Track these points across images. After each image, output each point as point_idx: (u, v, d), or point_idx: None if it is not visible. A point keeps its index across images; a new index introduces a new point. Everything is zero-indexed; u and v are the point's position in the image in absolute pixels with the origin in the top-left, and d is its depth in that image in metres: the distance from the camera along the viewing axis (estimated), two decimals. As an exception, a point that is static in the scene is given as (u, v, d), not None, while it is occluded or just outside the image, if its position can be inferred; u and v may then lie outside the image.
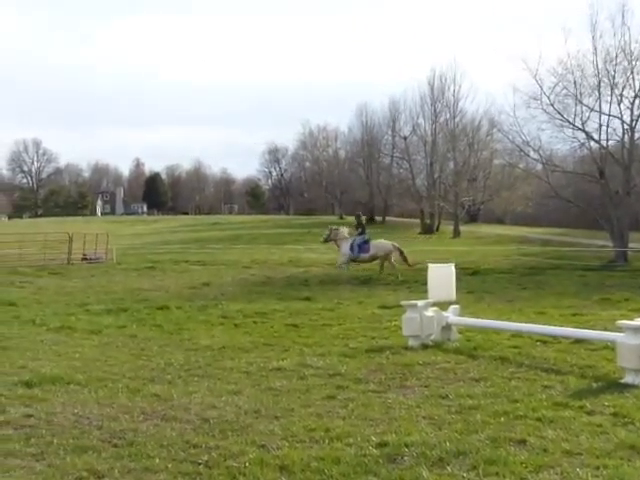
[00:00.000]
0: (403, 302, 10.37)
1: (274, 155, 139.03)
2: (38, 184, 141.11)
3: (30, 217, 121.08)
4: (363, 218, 26.72)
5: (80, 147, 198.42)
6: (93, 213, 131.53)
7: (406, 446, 5.31)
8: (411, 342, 9.63)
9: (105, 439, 5.56)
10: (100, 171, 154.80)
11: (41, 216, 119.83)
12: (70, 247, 32.37)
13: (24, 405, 6.50)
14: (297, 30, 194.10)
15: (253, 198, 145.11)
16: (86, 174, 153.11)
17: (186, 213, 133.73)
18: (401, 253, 24.62)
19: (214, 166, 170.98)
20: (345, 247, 24.11)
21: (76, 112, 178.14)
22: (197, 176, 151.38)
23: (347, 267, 24.04)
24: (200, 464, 5.02)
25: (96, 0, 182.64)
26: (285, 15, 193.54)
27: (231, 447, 5.37)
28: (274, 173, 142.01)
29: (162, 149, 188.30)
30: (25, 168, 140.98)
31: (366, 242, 24.43)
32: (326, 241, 25.37)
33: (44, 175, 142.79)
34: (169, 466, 4.96)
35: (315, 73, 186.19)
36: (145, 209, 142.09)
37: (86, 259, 32.99)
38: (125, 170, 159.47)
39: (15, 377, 7.64)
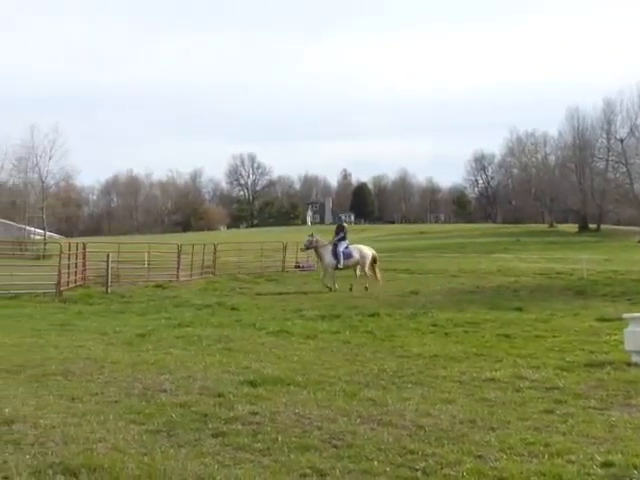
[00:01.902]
0: (625, 315, 9.77)
1: (480, 163, 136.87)
2: (253, 196, 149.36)
3: (246, 227, 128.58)
4: (344, 221, 24.92)
5: (291, 160, 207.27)
6: (304, 223, 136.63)
7: (635, 468, 5.00)
8: (635, 358, 9.02)
9: (325, 439, 5.78)
10: (310, 182, 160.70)
11: (256, 226, 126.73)
12: (284, 255, 33.93)
13: (250, 403, 6.92)
14: (500, 34, 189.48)
15: (459, 207, 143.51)
16: (297, 186, 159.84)
17: (392, 222, 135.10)
18: (374, 262, 23.19)
19: (419, 175, 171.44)
20: (329, 256, 22.79)
21: (287, 126, 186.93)
22: (403, 185, 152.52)
23: (334, 285, 22.08)
24: (417, 470, 5.07)
25: (295, 23, 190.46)
26: (488, 20, 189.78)
27: (447, 455, 5.36)
28: (480, 181, 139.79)
29: (369, 160, 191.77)
30: (242, 181, 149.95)
31: (346, 247, 23.12)
32: (307, 248, 24.01)
33: (259, 187, 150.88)
34: (387, 470, 5.06)
35: (521, 76, 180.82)
36: (352, 218, 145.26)
37: (299, 267, 34.39)
38: (333, 181, 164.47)
39: (240, 377, 8.16)
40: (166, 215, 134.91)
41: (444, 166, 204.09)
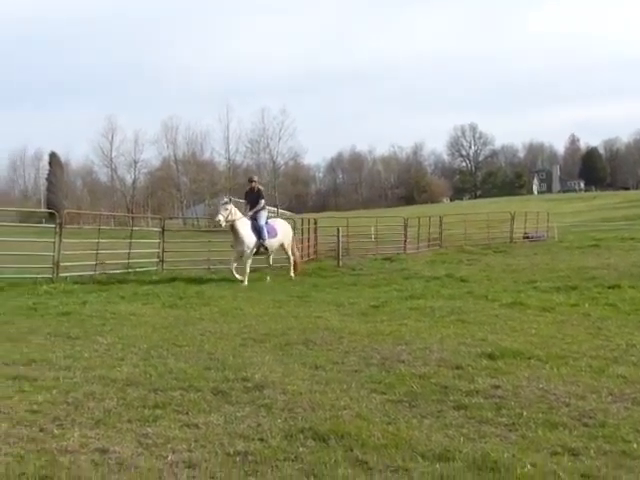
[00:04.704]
0: None
1: None
2: (476, 166, 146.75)
3: (470, 199, 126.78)
4: (257, 180, 18.23)
5: (514, 128, 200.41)
6: (529, 192, 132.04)
7: None
8: None
9: (574, 417, 5.47)
10: (534, 150, 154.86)
11: (480, 197, 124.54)
12: (512, 226, 33.00)
13: (490, 376, 6.74)
14: None
15: None
16: (521, 154, 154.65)
17: (626, 188, 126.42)
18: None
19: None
20: (249, 233, 16.77)
21: (508, 93, 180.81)
22: (638, 149, 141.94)
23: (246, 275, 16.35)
24: (684, 455, 4.64)
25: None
26: None
27: None
28: None
29: (598, 123, 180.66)
30: (463, 152, 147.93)
31: (266, 222, 17.41)
32: (226, 222, 16.46)
33: (481, 158, 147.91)
34: (648, 452, 4.68)
35: None
36: (582, 186, 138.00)
37: (527, 237, 33.34)
38: (560, 147, 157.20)
39: (478, 349, 7.99)
40: (389, 189, 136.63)
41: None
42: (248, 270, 16.61)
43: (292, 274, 18.01)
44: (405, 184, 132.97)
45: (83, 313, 11.24)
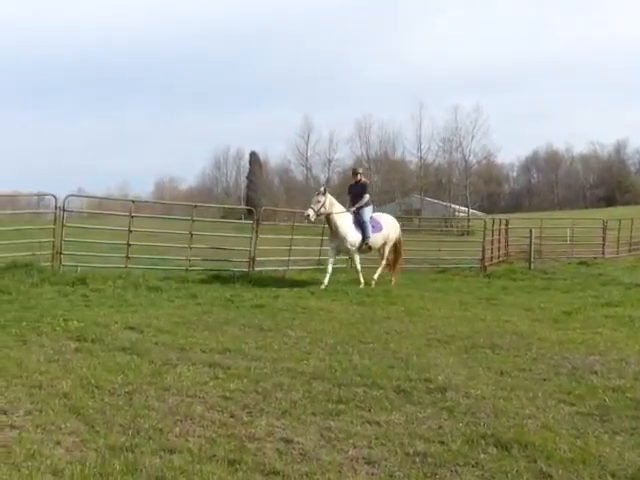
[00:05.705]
0: None
1: None
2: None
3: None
4: (361, 171, 16.50)
5: None
6: None
7: None
8: None
9: None
10: None
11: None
12: None
13: (694, 394, 6.22)
14: None
15: None
16: None
17: None
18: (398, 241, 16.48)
19: None
20: (351, 230, 15.25)
21: None
22: None
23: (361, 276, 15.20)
24: None
25: None
26: None
27: None
28: None
29: None
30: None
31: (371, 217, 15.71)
32: (317, 216, 15.26)
33: None
34: None
35: None
36: None
37: None
38: None
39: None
40: (588, 189, 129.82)
41: None
42: (359, 268, 15.65)
43: (375, 277, 16.05)
44: (606, 184, 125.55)
45: (275, 306, 11.72)
